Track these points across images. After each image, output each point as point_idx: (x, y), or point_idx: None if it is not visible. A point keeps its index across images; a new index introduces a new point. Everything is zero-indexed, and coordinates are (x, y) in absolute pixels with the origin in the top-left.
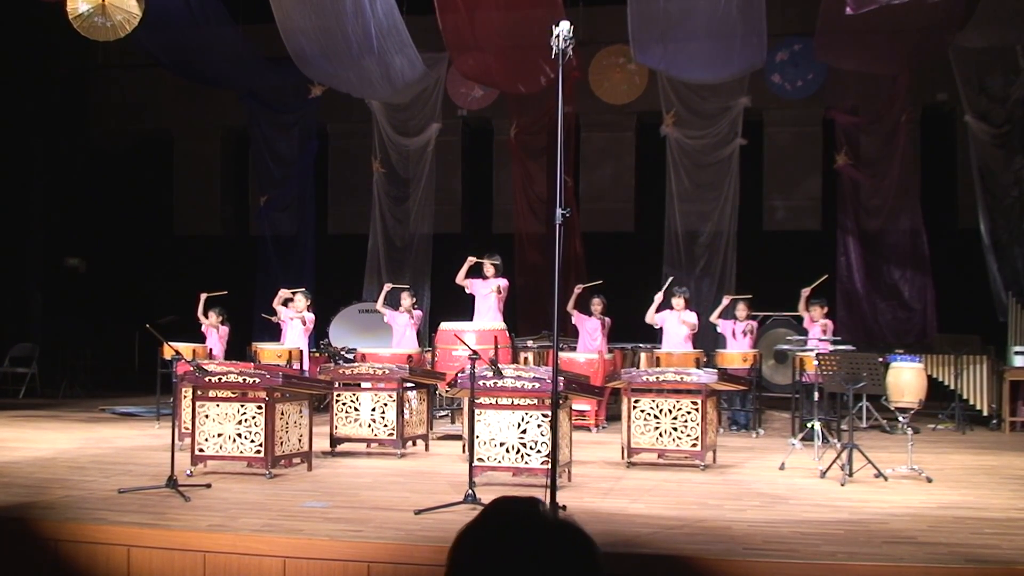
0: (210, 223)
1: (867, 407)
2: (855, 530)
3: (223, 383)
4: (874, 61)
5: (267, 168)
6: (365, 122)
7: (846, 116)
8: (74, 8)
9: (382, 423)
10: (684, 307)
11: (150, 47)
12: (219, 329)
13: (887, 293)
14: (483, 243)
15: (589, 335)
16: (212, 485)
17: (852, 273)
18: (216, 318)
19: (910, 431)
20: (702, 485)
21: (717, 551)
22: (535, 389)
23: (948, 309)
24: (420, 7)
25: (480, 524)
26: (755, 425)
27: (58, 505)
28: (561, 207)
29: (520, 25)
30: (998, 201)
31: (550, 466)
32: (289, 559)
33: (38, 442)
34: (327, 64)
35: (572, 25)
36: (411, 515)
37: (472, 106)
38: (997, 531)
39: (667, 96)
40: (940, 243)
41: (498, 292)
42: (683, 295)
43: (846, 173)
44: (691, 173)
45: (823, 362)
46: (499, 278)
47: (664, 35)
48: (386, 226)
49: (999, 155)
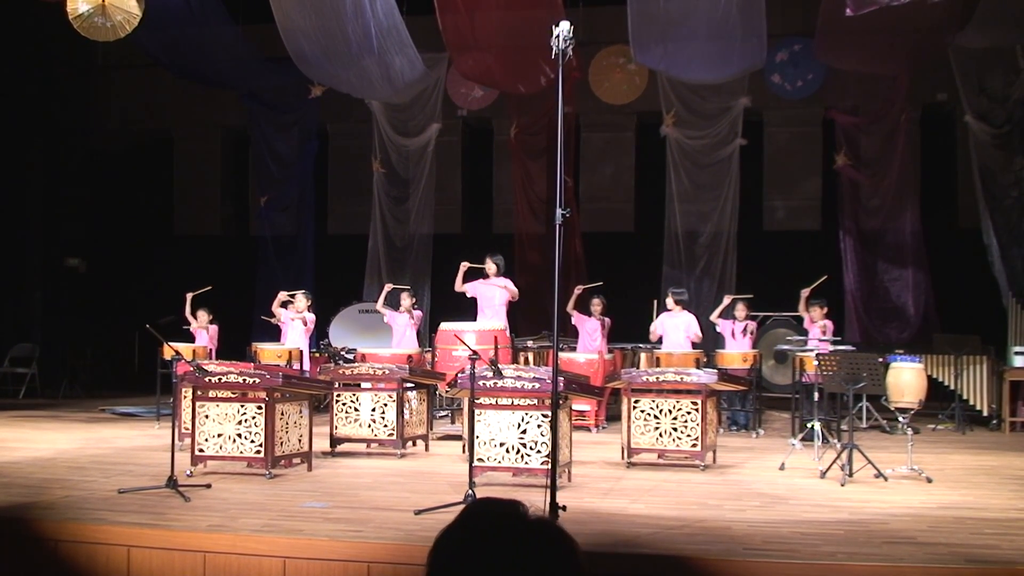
0: (210, 223)
1: (867, 407)
2: (855, 530)
3: (223, 383)
4: (874, 61)
5: (267, 168)
6: (365, 122)
7: (846, 116)
8: (74, 8)
9: (382, 423)
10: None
11: (150, 47)
12: (208, 329)
13: (886, 293)
14: (483, 243)
15: (589, 335)
16: (212, 485)
17: (852, 273)
18: (205, 318)
19: (910, 431)
20: (702, 485)
21: (717, 551)
22: (535, 389)
23: (948, 309)
24: (420, 7)
25: (459, 526)
26: (755, 425)
27: (58, 505)
28: (561, 207)
29: (520, 25)
30: (998, 201)
31: (550, 466)
32: (289, 559)
33: (38, 442)
34: (327, 64)
35: (572, 25)
36: (411, 515)
37: (472, 106)
38: (997, 531)
39: (667, 96)
40: (940, 243)
41: (507, 289)
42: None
43: (845, 174)
44: (691, 173)
45: (823, 362)
46: (503, 277)
47: (664, 35)
48: (386, 226)
49: (999, 155)
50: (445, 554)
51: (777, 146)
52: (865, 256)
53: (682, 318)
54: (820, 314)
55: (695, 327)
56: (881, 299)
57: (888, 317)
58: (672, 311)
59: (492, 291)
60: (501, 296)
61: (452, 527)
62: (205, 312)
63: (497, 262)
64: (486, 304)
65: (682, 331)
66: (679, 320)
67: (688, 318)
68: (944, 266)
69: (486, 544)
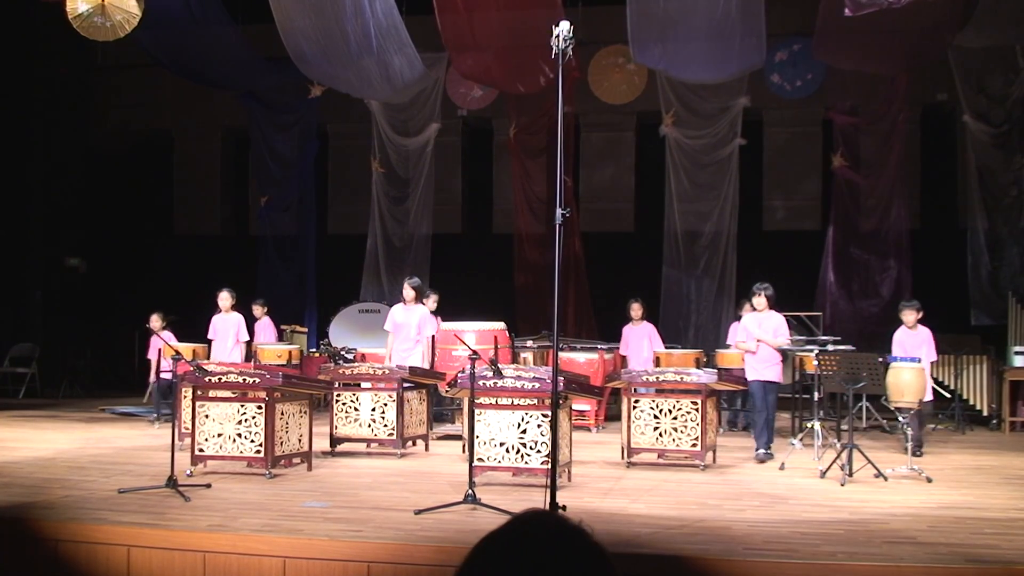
0: (210, 223)
1: (867, 407)
2: (855, 530)
3: (223, 383)
4: (873, 61)
5: (267, 168)
6: (365, 122)
7: (844, 116)
8: (74, 8)
9: (382, 423)
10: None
11: (150, 47)
12: (161, 335)
13: (885, 293)
14: (483, 243)
15: (636, 342)
16: (212, 485)
17: (846, 272)
18: (158, 323)
19: (910, 431)
20: (702, 485)
21: (717, 551)
22: (535, 389)
23: (948, 309)
24: (420, 7)
25: (505, 533)
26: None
27: (58, 505)
28: (561, 207)
29: (520, 25)
30: (997, 201)
31: (550, 466)
32: (289, 559)
33: (38, 442)
34: (327, 64)
35: (572, 25)
36: (411, 515)
37: (472, 106)
38: (997, 531)
39: (667, 96)
40: (939, 243)
41: (418, 331)
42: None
43: (841, 174)
44: (691, 173)
45: (823, 362)
46: (422, 304)
47: (663, 35)
48: (385, 226)
49: (998, 155)
50: (484, 556)
51: (776, 146)
52: (862, 256)
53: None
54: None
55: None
56: (879, 299)
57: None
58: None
59: (410, 321)
60: (415, 329)
61: (499, 532)
62: (158, 318)
63: (414, 286)
64: (402, 333)
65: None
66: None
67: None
68: (943, 266)
69: (527, 556)
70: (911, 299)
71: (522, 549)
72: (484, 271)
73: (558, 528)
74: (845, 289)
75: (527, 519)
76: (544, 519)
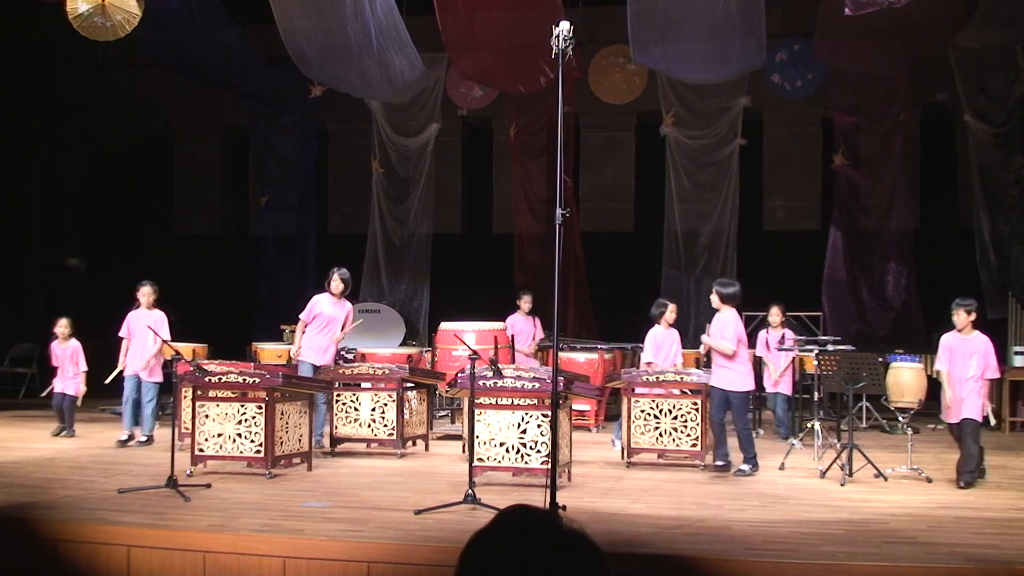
0: (210, 223)
1: (867, 407)
2: (855, 530)
3: (223, 383)
4: (873, 61)
5: (267, 168)
6: (365, 122)
7: (845, 116)
8: (74, 8)
9: (382, 423)
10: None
11: (150, 47)
12: (67, 345)
13: (885, 293)
14: (483, 243)
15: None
16: (212, 485)
17: (848, 272)
18: (64, 331)
19: (910, 431)
20: (702, 485)
21: (717, 551)
22: (535, 389)
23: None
24: (420, 7)
25: (493, 530)
26: (755, 425)
27: (58, 505)
28: (561, 207)
29: (520, 25)
30: (998, 201)
31: (550, 466)
32: (289, 559)
33: (38, 442)
34: (327, 64)
35: (572, 25)
36: (411, 515)
37: (472, 106)
38: (997, 531)
39: (667, 96)
40: (939, 243)
41: (342, 328)
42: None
43: (843, 173)
44: (691, 173)
45: (823, 362)
46: (345, 300)
47: (663, 35)
48: (386, 226)
49: (999, 154)
50: (476, 557)
51: (777, 146)
52: (862, 255)
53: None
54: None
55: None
56: (879, 298)
57: (886, 316)
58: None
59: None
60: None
61: (485, 530)
62: (63, 326)
63: (343, 278)
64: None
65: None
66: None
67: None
68: (944, 265)
69: (518, 551)
70: (967, 298)
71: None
72: (484, 271)
73: (544, 522)
74: (845, 289)
75: (512, 515)
76: (528, 514)
